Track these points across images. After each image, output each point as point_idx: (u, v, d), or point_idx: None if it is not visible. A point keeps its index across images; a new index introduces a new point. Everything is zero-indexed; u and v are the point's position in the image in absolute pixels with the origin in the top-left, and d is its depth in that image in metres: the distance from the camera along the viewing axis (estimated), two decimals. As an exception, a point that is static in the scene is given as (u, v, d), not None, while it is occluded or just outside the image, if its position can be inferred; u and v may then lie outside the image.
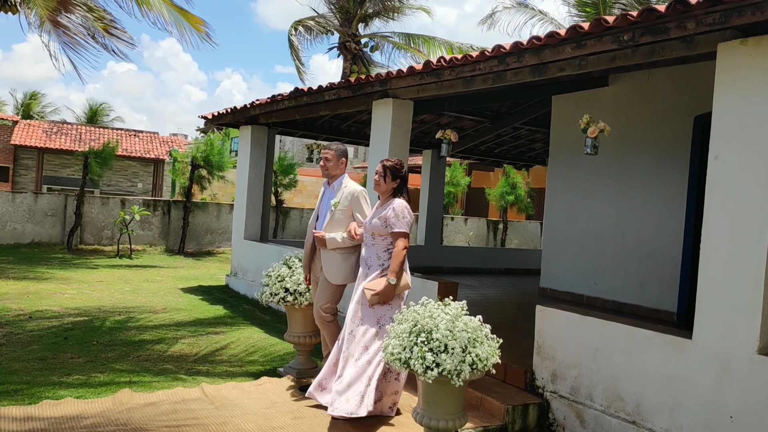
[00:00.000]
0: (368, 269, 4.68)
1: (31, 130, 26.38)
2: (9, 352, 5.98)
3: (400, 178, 4.72)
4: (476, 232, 21.94)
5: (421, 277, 6.47)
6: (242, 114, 9.85)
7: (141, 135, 29.30)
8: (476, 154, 13.59)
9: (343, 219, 4.99)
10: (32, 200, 15.55)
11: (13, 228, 15.21)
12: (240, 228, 10.54)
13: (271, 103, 8.81)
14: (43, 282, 10.18)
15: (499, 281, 11.64)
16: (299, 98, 8.14)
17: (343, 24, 16.94)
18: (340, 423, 4.43)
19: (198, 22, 12.54)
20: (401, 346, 3.67)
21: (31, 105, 38.50)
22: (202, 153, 16.63)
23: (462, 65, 5.60)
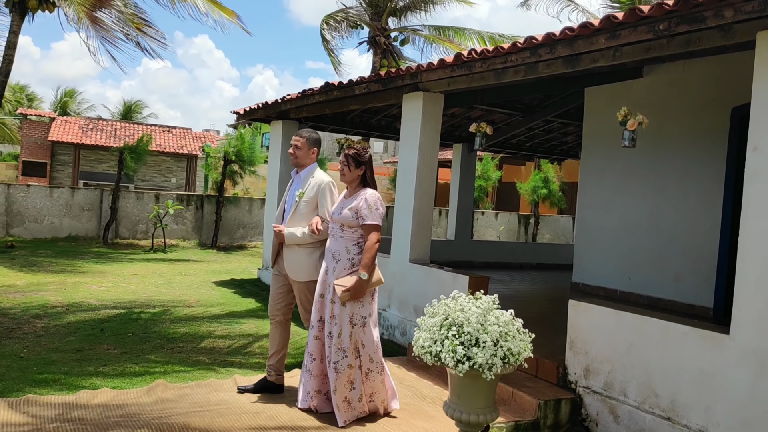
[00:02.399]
0: (336, 263, 4.41)
1: (68, 126, 26.93)
2: (48, 343, 6.13)
3: (364, 164, 4.50)
4: (507, 226, 21.79)
5: (451, 271, 6.46)
6: (273, 109, 9.93)
7: (174, 131, 29.70)
8: (507, 148, 13.48)
9: (307, 212, 4.69)
10: (69, 195, 15.88)
11: (51, 222, 15.56)
12: (271, 222, 10.60)
13: (302, 98, 8.85)
14: (80, 275, 10.40)
15: (530, 276, 11.55)
16: (329, 93, 8.16)
17: (373, 18, 16.92)
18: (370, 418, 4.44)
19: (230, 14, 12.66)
20: (432, 339, 3.66)
21: (68, 102, 39.31)
22: (233, 148, 16.80)
23: (493, 57, 5.56)
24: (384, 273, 7.28)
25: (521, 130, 11.79)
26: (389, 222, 20.06)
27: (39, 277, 9.95)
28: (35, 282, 9.44)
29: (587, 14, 16.35)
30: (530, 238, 21.36)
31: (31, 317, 7.14)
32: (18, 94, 36.51)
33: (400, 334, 6.97)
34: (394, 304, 7.20)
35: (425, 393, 5.10)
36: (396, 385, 5.25)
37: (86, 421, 4.13)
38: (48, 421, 4.09)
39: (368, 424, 4.37)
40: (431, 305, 3.88)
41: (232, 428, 4.15)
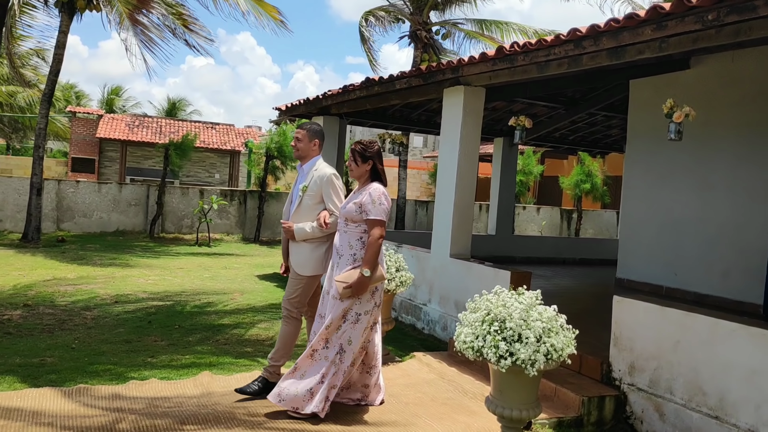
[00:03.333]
0: (339, 258, 4.35)
1: (115, 123, 27.59)
2: (98, 334, 6.32)
3: (371, 158, 4.41)
4: (549, 221, 21.54)
5: (492, 266, 6.42)
6: (314, 105, 10.00)
7: (218, 127, 30.15)
8: (550, 142, 13.31)
9: (311, 205, 4.59)
10: (117, 191, 16.29)
11: (100, 217, 15.99)
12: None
13: (343, 93, 8.90)
14: (128, 268, 10.67)
15: (573, 271, 11.40)
16: (370, 88, 8.18)
17: (414, 12, 16.87)
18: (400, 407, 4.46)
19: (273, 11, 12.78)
20: (474, 335, 3.65)
21: (114, 99, 40.25)
22: (275, 144, 17.00)
23: (536, 50, 5.50)
24: (424, 268, 7.34)
25: (564, 124, 11.63)
26: (429, 217, 20.05)
27: (88, 270, 10.25)
28: (85, 275, 9.72)
29: (632, 4, 16.00)
30: (573, 233, 21.08)
31: (81, 309, 7.36)
32: (67, 93, 37.57)
33: (440, 329, 6.97)
34: (435, 299, 7.20)
35: (467, 388, 5.10)
36: (437, 379, 5.27)
37: (135, 410, 4.25)
38: (99, 411, 4.22)
39: (409, 417, 4.39)
40: (473, 300, 3.87)
41: (273, 422, 4.21)
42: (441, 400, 4.81)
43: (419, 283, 7.39)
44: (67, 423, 3.97)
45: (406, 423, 4.29)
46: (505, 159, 12.42)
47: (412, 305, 7.58)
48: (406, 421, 4.33)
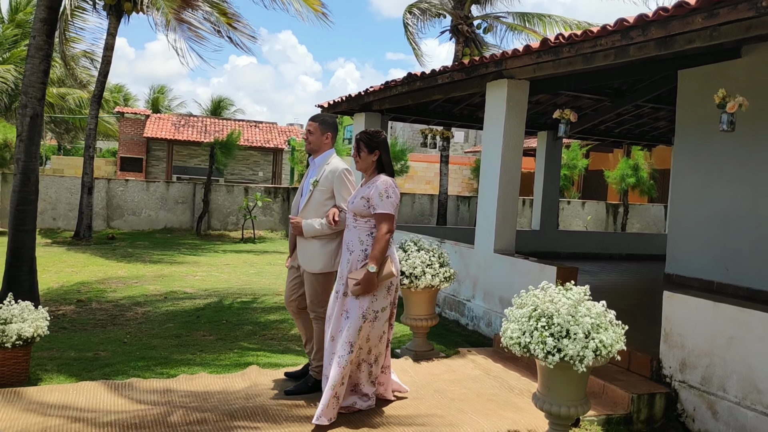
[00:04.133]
0: (350, 255, 4.18)
1: (161, 123, 28.17)
2: (148, 329, 6.47)
3: (377, 147, 4.23)
4: (594, 216, 21.18)
5: (537, 261, 6.35)
6: (356, 102, 10.04)
7: (261, 126, 30.52)
8: (595, 135, 13.07)
9: (321, 201, 4.43)
10: (164, 189, 16.65)
11: (148, 215, 16.37)
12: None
13: (385, 90, 8.91)
14: (176, 265, 10.90)
15: (620, 267, 11.19)
16: (412, 83, 8.17)
17: (456, 6, 16.77)
18: (447, 404, 4.45)
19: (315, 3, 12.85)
20: (520, 331, 3.62)
21: (159, 99, 41.12)
22: (317, 141, 17.11)
23: (582, 41, 5.41)
24: (468, 263, 7.30)
25: (610, 116, 11.40)
26: (471, 213, 19.94)
27: (138, 267, 10.51)
28: (135, 272, 9.97)
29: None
30: (619, 228, 20.69)
31: (132, 305, 7.56)
32: (115, 94, 38.54)
33: (485, 325, 6.93)
34: (479, 294, 7.16)
35: (513, 384, 5.06)
36: (483, 375, 5.24)
37: (185, 404, 4.34)
38: (150, 404, 4.33)
39: (455, 413, 4.38)
40: (519, 296, 3.83)
41: (322, 414, 4.25)
42: (486, 396, 4.78)
43: (463, 278, 7.36)
44: (120, 416, 4.08)
45: (452, 418, 4.28)
46: (549, 153, 12.25)
47: (456, 301, 7.55)
48: (452, 416, 4.32)
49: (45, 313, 4.80)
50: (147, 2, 13.97)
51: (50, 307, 6.98)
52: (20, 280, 6.34)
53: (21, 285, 6.27)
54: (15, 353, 4.60)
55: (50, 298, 7.58)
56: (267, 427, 4.03)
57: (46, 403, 4.24)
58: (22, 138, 6.39)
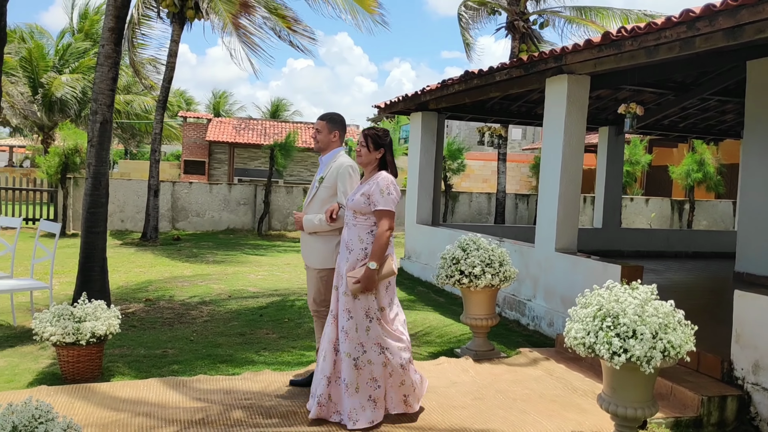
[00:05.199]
0: (349, 253, 4.11)
1: (223, 126, 28.86)
2: (213, 327, 6.65)
3: (384, 146, 4.20)
4: (659, 213, 20.57)
5: (601, 260, 6.23)
6: (413, 101, 10.05)
7: (317, 126, 30.89)
8: (658, 130, 12.69)
9: (326, 197, 4.43)
10: (226, 191, 17.05)
11: (211, 216, 16.80)
12: (412, 212, 10.78)
13: (441, 88, 8.89)
14: (239, 265, 11.15)
15: (686, 265, 10.84)
16: (469, 81, 8.13)
17: (511, 2, 16.56)
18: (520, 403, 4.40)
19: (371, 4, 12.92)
20: (585, 330, 3.56)
21: (220, 103, 42.13)
22: (374, 141, 17.21)
23: (645, 34, 5.27)
24: (528, 262, 7.21)
25: (673, 110, 11.07)
26: (529, 211, 19.66)
27: (202, 267, 10.79)
28: (199, 271, 10.25)
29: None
30: (685, 225, 20.03)
31: (198, 304, 7.77)
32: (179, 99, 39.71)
33: (546, 325, 6.83)
34: (540, 294, 7.06)
35: (576, 385, 4.97)
36: (545, 376, 5.17)
37: (250, 400, 4.45)
38: (216, 399, 4.45)
39: (518, 414, 4.34)
40: (583, 295, 3.77)
41: (384, 412, 4.28)
42: (549, 397, 4.72)
43: (523, 278, 7.27)
44: (187, 412, 4.21)
45: (514, 419, 4.24)
46: (611, 149, 11.97)
47: (516, 300, 7.47)
48: (514, 417, 4.28)
49: (117, 312, 4.99)
50: (207, 9, 14.34)
51: (120, 306, 7.26)
52: (92, 279, 6.60)
53: (93, 285, 6.53)
54: (89, 350, 4.80)
55: (120, 298, 7.87)
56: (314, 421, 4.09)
57: (118, 398, 4.41)
58: (93, 143, 6.65)
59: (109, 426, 3.93)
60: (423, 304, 8.11)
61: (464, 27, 17.61)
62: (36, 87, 24.41)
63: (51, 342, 4.71)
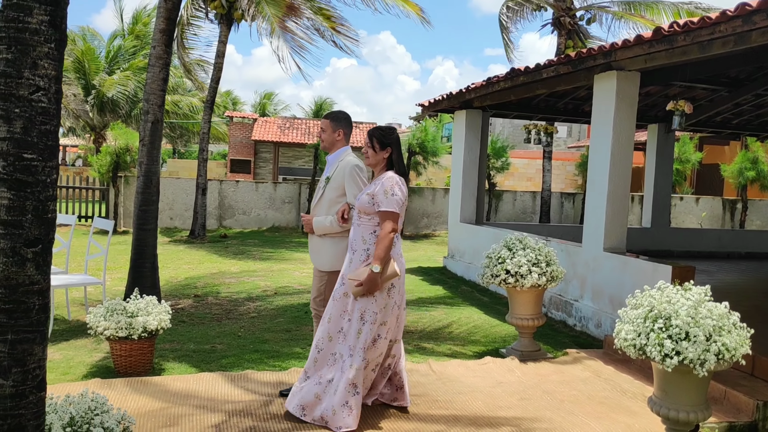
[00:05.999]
0: (353, 253, 4.06)
1: (268, 126, 29.22)
2: (260, 323, 6.75)
3: (390, 145, 4.11)
4: (710, 212, 20.02)
5: (650, 260, 6.10)
6: (457, 99, 10.01)
7: (361, 126, 30.99)
8: (710, 127, 12.35)
9: (333, 198, 4.33)
10: (272, 189, 17.27)
11: (257, 214, 17.04)
12: (456, 211, 10.73)
13: (487, 86, 8.83)
14: (284, 262, 11.29)
15: (739, 266, 10.54)
16: (515, 78, 8.05)
17: (557, -1, 16.32)
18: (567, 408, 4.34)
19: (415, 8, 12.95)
20: (635, 332, 3.50)
21: (266, 104, 42.65)
22: (417, 140, 17.18)
23: (699, 29, 5.14)
24: (575, 262, 7.11)
25: (726, 107, 10.74)
26: (575, 210, 19.35)
27: (249, 264, 10.96)
28: (246, 268, 10.41)
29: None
30: (737, 225, 19.44)
31: (245, 300, 7.90)
32: (225, 99, 40.38)
33: (594, 326, 6.72)
34: (587, 294, 6.96)
35: (625, 387, 4.89)
36: (593, 377, 5.10)
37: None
38: (263, 394, 4.51)
39: (565, 415, 4.29)
40: (633, 296, 3.70)
41: (426, 415, 4.28)
42: (598, 398, 4.65)
43: (570, 278, 7.17)
44: (236, 405, 4.29)
45: (562, 421, 4.19)
46: (660, 146, 11.70)
47: (563, 301, 7.37)
48: (562, 418, 4.23)
49: (167, 307, 5.11)
50: (254, 11, 14.54)
51: (170, 301, 7.42)
52: (144, 276, 6.77)
53: (144, 281, 6.69)
54: (141, 344, 4.93)
55: (170, 293, 8.05)
56: (366, 415, 4.11)
57: (169, 392, 4.51)
58: (145, 143, 6.82)
59: (160, 419, 4.03)
60: (467, 304, 8.07)
61: (505, 29, 17.43)
62: (88, 88, 25.13)
63: (104, 336, 4.85)
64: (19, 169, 2.10)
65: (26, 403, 2.18)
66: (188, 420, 4.03)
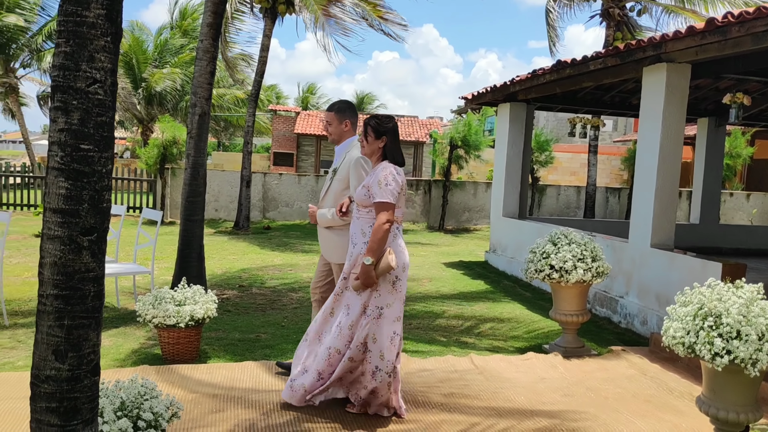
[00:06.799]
0: (353, 247, 3.99)
1: (310, 119, 29.45)
2: (303, 314, 6.82)
3: (385, 134, 3.98)
4: (761, 209, 19.42)
5: (699, 257, 5.96)
6: (501, 92, 9.91)
7: (402, 119, 30.98)
8: (762, 121, 11.97)
9: (340, 190, 4.31)
10: (314, 182, 17.40)
11: (300, 206, 17.19)
12: (498, 205, 10.65)
13: (532, 79, 8.72)
14: (325, 254, 11.37)
15: (793, 265, 10.20)
16: (561, 71, 7.93)
17: (606, -11, 15.99)
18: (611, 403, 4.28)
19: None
20: (684, 330, 3.42)
21: (308, 97, 42.97)
22: (459, 134, 17.08)
23: (754, 19, 4.98)
24: (621, 258, 6.99)
25: (782, 100, 10.40)
26: (621, 205, 18.98)
27: (291, 255, 11.08)
28: (289, 260, 10.53)
29: None
30: (791, 222, 18.82)
31: (288, 291, 8.00)
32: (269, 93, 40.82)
33: (639, 324, 6.60)
34: (633, 291, 6.83)
35: (672, 386, 4.79)
36: (638, 375, 5.01)
37: (340, 386, 4.54)
38: (308, 384, 4.56)
39: (610, 413, 4.23)
40: (682, 293, 3.62)
41: (470, 407, 4.28)
42: (643, 397, 4.57)
43: (615, 274, 7.05)
44: (279, 394, 4.34)
45: (606, 418, 4.14)
46: (710, 141, 11.39)
47: (608, 297, 7.25)
48: (606, 416, 4.17)
49: (214, 297, 5.21)
50: (300, 4, 14.65)
51: (216, 291, 7.56)
52: (190, 266, 6.90)
53: (191, 271, 6.82)
54: (188, 333, 5.03)
55: (215, 283, 8.20)
56: (409, 408, 4.12)
57: (215, 379, 4.61)
58: (192, 135, 6.94)
59: (205, 405, 4.12)
60: (509, 299, 8.01)
61: (552, 21, 17.16)
62: (137, 81, 25.71)
63: (153, 324, 4.96)
64: (76, 159, 2.16)
65: (81, 386, 2.25)
66: (233, 407, 4.11)
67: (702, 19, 15.44)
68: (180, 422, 3.78)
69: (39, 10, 24.02)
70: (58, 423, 2.21)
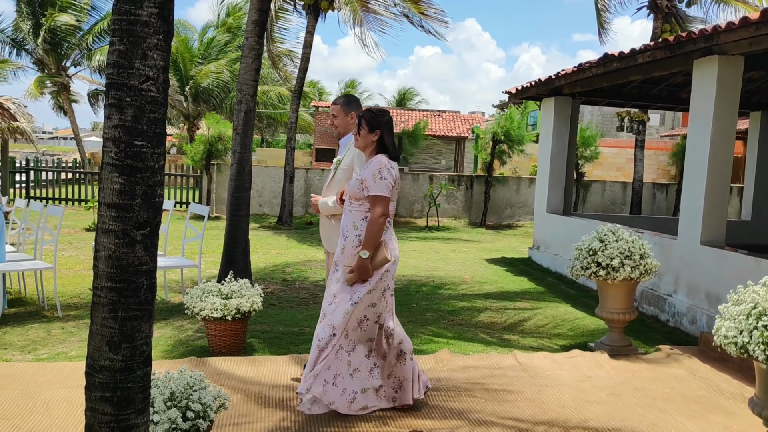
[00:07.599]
0: (345, 239, 3.98)
1: (351, 115, 29.58)
2: (345, 309, 6.86)
3: (380, 127, 3.95)
4: (817, 205, 18.72)
5: (752, 255, 5.78)
6: (546, 86, 9.78)
7: (444, 115, 30.86)
8: (821, 114, 11.52)
9: (343, 180, 4.33)
10: (355, 177, 17.50)
11: (341, 202, 17.31)
12: (542, 201, 10.52)
13: (578, 72, 8.58)
14: (367, 250, 11.41)
15: None
16: (608, 64, 7.79)
17: (654, -20, 15.62)
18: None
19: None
20: (737, 329, 3.33)
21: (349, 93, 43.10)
22: (502, 128, 16.93)
23: (812, 9, 4.80)
24: (669, 255, 6.84)
25: (841, 92, 10.02)
26: (668, 202, 18.55)
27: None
28: (331, 255, 10.60)
29: None
30: None
31: (330, 286, 8.05)
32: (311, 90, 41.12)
33: (688, 323, 6.45)
34: (681, 289, 6.68)
35: (722, 387, 4.67)
36: (687, 375, 4.91)
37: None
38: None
39: (657, 413, 4.15)
40: (735, 292, 3.53)
41: (513, 406, 4.25)
42: (692, 397, 4.47)
43: (663, 271, 6.90)
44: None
45: (654, 418, 4.06)
46: (762, 135, 11.03)
47: (655, 295, 7.11)
48: (654, 416, 4.10)
49: (259, 290, 5.28)
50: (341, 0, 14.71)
51: (260, 284, 7.66)
52: (236, 260, 7.01)
53: (237, 264, 6.93)
54: (234, 325, 5.12)
55: (260, 277, 8.32)
56: (452, 404, 4.11)
57: (260, 372, 4.68)
58: (238, 131, 7.04)
59: (252, 397, 4.19)
60: (553, 296, 7.92)
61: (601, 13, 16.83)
62: (183, 79, 26.19)
63: (200, 316, 5.07)
64: (129, 155, 2.22)
65: (134, 377, 2.31)
66: (279, 400, 4.17)
67: (754, 9, 14.96)
68: (226, 413, 3.85)
69: (89, 10, 24.65)
70: (112, 412, 2.28)
